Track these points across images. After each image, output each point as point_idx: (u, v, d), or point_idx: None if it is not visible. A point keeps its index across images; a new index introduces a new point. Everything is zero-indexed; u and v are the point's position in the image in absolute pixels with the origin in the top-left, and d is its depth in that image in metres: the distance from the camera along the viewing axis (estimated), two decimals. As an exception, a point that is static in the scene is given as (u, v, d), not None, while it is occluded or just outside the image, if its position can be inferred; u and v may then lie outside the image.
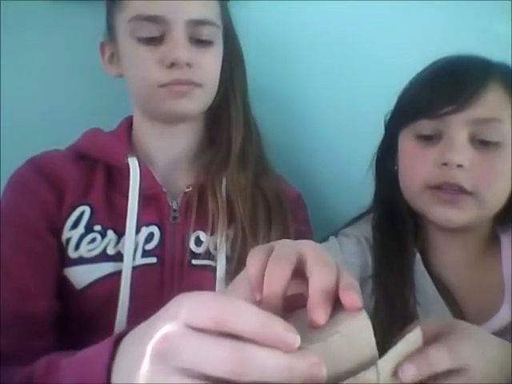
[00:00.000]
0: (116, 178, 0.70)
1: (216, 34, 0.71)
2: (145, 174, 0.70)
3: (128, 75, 0.72)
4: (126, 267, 0.65)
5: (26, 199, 0.65)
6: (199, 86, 0.69)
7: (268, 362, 0.29)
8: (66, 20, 0.87)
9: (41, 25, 0.87)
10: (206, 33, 0.69)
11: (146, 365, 0.30)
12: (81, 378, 0.38)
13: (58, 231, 0.66)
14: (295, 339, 0.29)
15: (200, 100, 0.71)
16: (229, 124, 0.76)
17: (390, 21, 0.90)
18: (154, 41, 0.67)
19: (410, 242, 0.67)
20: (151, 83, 0.67)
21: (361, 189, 0.72)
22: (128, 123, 0.77)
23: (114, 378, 0.35)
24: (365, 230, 0.71)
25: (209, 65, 0.70)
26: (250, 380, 0.28)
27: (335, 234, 0.73)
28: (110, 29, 0.72)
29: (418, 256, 0.66)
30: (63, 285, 0.64)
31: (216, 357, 0.29)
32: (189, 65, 0.67)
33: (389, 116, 0.71)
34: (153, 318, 0.34)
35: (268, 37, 0.88)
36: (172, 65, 0.66)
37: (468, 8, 0.87)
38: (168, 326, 0.30)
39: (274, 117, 0.86)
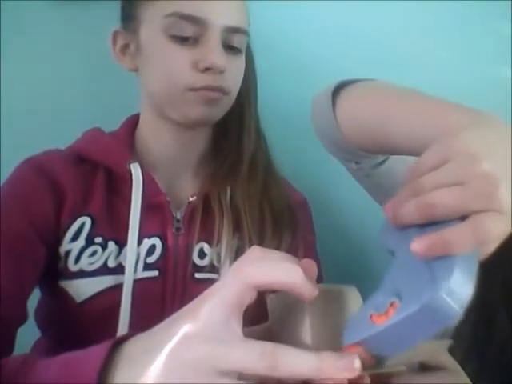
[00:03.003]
0: (117, 183, 0.68)
1: (245, 43, 0.68)
2: (148, 181, 0.67)
3: (149, 73, 0.67)
4: (128, 281, 0.63)
5: (20, 205, 0.62)
6: (227, 93, 0.66)
7: (298, 360, 0.32)
8: (66, 20, 0.84)
9: (41, 25, 0.84)
10: (237, 40, 0.66)
11: (176, 370, 0.33)
12: (65, 377, 0.37)
13: (53, 241, 0.63)
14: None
15: (224, 107, 0.68)
16: (240, 133, 0.73)
17: (390, 20, 0.88)
18: (187, 41, 0.63)
19: None
20: (180, 85, 0.63)
21: (365, 194, 0.71)
22: (131, 124, 0.74)
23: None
24: None
25: (237, 73, 0.68)
26: (283, 375, 0.31)
27: None
28: (130, 19, 0.67)
29: None
30: (62, 298, 0.63)
31: (252, 353, 0.32)
32: (222, 72, 0.64)
33: None
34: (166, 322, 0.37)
35: (267, 37, 0.85)
36: (206, 69, 0.63)
37: (469, 8, 0.85)
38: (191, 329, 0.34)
39: (276, 119, 0.83)
